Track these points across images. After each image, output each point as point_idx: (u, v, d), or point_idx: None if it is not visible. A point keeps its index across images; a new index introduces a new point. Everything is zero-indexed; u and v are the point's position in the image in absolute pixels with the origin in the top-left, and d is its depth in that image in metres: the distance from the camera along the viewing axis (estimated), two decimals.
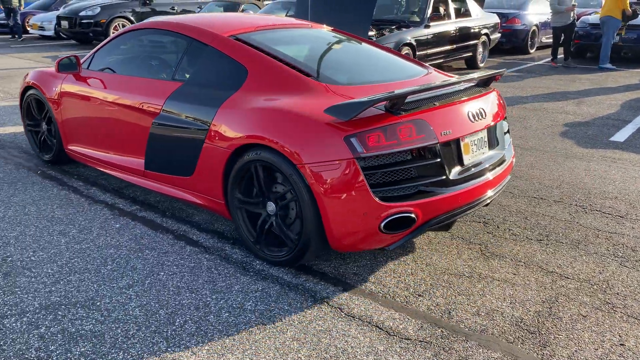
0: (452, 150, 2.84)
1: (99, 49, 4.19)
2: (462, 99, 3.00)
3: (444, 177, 2.77)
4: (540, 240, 3.34)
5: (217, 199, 3.17)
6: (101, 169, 4.02)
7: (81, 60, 4.23)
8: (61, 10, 14.35)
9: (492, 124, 3.13)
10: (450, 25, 9.29)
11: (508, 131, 3.45)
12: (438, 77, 3.48)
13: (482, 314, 2.58)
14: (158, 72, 3.71)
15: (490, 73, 3.24)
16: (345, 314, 2.55)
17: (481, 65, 10.41)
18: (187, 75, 3.45)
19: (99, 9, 13.32)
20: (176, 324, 2.47)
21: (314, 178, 2.62)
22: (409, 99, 2.84)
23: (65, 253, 3.10)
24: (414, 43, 8.35)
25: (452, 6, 9.51)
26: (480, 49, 10.23)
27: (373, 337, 2.38)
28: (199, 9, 14.06)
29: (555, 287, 2.81)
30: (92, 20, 13.15)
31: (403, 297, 2.70)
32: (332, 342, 2.35)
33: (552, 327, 2.48)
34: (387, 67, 3.54)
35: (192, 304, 2.62)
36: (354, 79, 3.21)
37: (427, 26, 8.76)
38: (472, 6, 10.14)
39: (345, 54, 3.68)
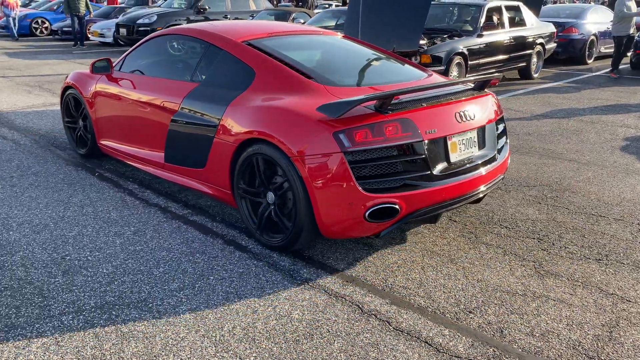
0: (438, 148, 3.03)
1: (129, 53, 4.57)
2: (451, 101, 3.19)
3: (428, 172, 2.96)
4: (599, 260, 3.19)
5: (225, 189, 3.44)
6: (128, 162, 4.35)
7: (113, 63, 4.61)
8: (120, 18, 14.93)
9: (483, 125, 3.31)
10: (503, 35, 9.07)
11: (505, 133, 3.63)
12: (436, 80, 3.63)
13: (537, 334, 2.48)
14: (179, 74, 4.09)
15: (485, 77, 3.44)
16: (393, 327, 2.51)
17: (535, 75, 10.12)
18: (203, 77, 3.77)
19: (155, 17, 13.79)
20: (224, 329, 2.49)
21: (306, 169, 2.87)
22: (399, 99, 3.06)
23: (120, 254, 3.19)
24: (466, 52, 8.21)
25: (506, 15, 9.30)
26: (534, 59, 9.95)
27: (422, 353, 2.33)
28: (250, 17, 14.32)
29: (615, 310, 2.68)
30: (148, 28, 13.60)
31: (453, 313, 2.64)
32: (379, 356, 2.31)
33: (612, 353, 2.35)
34: (387, 70, 3.82)
35: (240, 310, 2.64)
36: (352, 81, 3.49)
37: (480, 35, 8.59)
38: (527, 15, 9.88)
39: (349, 58, 3.94)
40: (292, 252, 3.23)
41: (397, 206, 2.86)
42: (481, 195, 3.31)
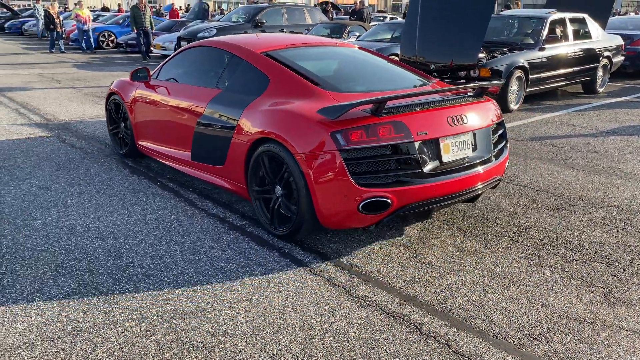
0: (430, 148, 3.29)
1: (165, 62, 5.04)
2: (445, 106, 3.46)
3: (419, 170, 3.22)
4: None
5: (240, 184, 3.83)
6: (162, 161, 4.79)
7: (151, 72, 5.07)
8: (181, 32, 15.48)
9: (478, 129, 3.54)
10: (567, 48, 8.76)
11: (504, 137, 3.86)
12: (436, 88, 3.87)
13: None
14: (206, 81, 4.44)
15: (483, 84, 3.73)
16: (453, 351, 2.44)
17: (600, 90, 9.70)
18: (226, 84, 4.18)
19: (215, 31, 14.19)
20: (281, 343, 2.49)
21: (306, 165, 3.19)
22: (395, 104, 3.33)
23: (181, 263, 3.27)
24: (527, 66, 7.97)
25: (570, 28, 8.98)
26: (600, 73, 9.54)
27: None
28: (306, 31, 14.50)
29: None
30: None
31: (516, 339, 2.53)
32: None
33: None
34: (391, 78, 4.10)
35: (297, 325, 2.64)
36: (355, 87, 3.78)
37: (542, 49, 8.33)
38: (593, 27, 9.50)
39: (357, 67, 4.30)
40: (348, 268, 3.21)
41: (388, 200, 3.14)
42: (474, 195, 3.53)
